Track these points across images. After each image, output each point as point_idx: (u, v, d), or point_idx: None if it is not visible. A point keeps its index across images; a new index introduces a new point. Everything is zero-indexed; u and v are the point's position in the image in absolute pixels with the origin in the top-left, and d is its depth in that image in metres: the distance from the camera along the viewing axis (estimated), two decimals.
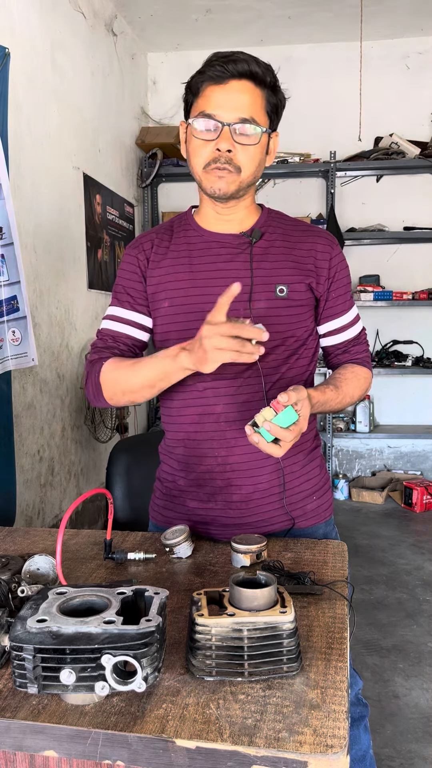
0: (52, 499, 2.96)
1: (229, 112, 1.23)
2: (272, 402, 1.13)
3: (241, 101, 1.24)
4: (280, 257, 1.35)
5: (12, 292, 2.24)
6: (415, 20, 4.19)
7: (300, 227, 1.41)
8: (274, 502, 1.37)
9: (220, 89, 1.24)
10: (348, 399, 1.37)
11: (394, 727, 2.12)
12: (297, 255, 1.36)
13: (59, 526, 1.06)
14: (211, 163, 1.27)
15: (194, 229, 1.40)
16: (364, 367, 1.45)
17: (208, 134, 1.25)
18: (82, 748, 0.78)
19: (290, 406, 1.12)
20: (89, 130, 3.52)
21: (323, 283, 1.37)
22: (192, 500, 1.41)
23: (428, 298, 4.34)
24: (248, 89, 1.24)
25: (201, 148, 1.27)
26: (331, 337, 1.44)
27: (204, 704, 0.81)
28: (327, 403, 1.30)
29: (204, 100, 1.25)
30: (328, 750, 0.74)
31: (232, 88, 1.23)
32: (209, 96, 1.24)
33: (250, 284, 1.32)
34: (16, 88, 2.55)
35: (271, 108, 1.29)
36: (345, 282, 1.41)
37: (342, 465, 4.88)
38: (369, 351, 1.49)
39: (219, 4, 3.94)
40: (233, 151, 1.25)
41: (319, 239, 1.38)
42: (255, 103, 1.25)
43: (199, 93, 1.27)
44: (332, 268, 1.38)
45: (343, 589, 1.13)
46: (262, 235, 1.37)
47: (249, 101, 1.24)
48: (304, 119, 4.50)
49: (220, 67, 1.22)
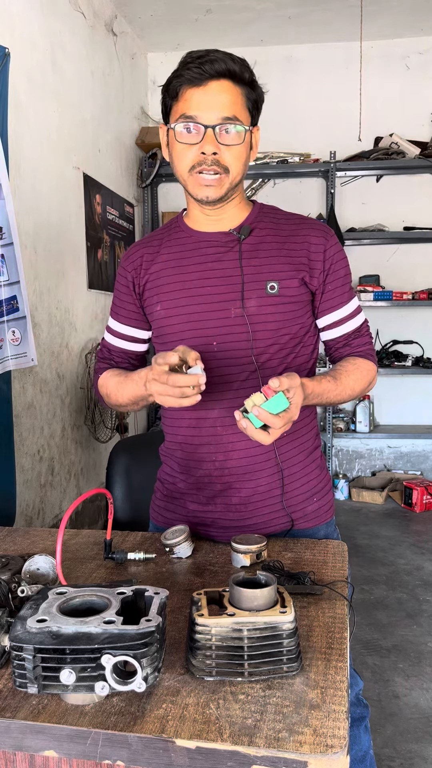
0: (52, 499, 2.96)
1: (210, 113, 1.22)
2: (263, 387, 1.10)
3: (221, 101, 1.22)
4: (271, 253, 1.33)
5: (12, 292, 2.24)
6: (415, 20, 4.18)
7: (293, 220, 1.38)
8: (274, 504, 1.37)
9: (199, 91, 1.22)
10: (348, 392, 1.33)
11: (394, 727, 2.12)
12: (289, 249, 1.33)
13: (59, 526, 1.06)
14: (196, 166, 1.25)
15: (184, 231, 1.39)
16: (367, 359, 1.40)
17: (190, 137, 1.24)
18: (82, 748, 0.78)
19: (281, 393, 1.09)
20: (89, 130, 3.52)
21: (317, 276, 1.34)
22: (192, 502, 1.41)
23: (428, 298, 4.34)
24: (227, 88, 1.22)
25: (185, 152, 1.25)
26: (331, 331, 1.40)
27: (204, 704, 0.81)
28: (323, 394, 1.27)
29: (184, 103, 1.23)
30: (328, 750, 0.74)
31: (212, 89, 1.22)
32: (189, 99, 1.23)
33: (241, 282, 1.31)
34: (16, 88, 2.55)
35: (251, 104, 1.27)
36: (342, 274, 1.37)
37: (342, 465, 4.88)
38: (372, 343, 1.45)
39: (219, 4, 3.94)
40: (218, 153, 1.23)
41: (312, 231, 1.35)
42: (236, 102, 1.23)
43: (178, 96, 1.24)
44: (327, 260, 1.34)
45: (343, 589, 1.13)
46: (252, 232, 1.34)
47: (230, 100, 1.23)
48: (304, 119, 4.51)
49: (197, 68, 1.20)
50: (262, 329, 1.31)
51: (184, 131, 1.24)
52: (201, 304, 1.33)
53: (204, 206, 1.32)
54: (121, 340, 1.47)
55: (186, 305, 1.33)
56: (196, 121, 1.22)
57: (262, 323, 1.31)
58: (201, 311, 1.32)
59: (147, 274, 1.39)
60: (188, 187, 1.30)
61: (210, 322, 1.32)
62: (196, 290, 1.33)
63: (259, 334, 1.30)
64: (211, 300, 1.32)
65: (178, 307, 1.34)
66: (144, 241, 1.44)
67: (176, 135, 1.25)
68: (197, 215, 1.37)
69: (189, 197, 1.34)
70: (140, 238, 4.09)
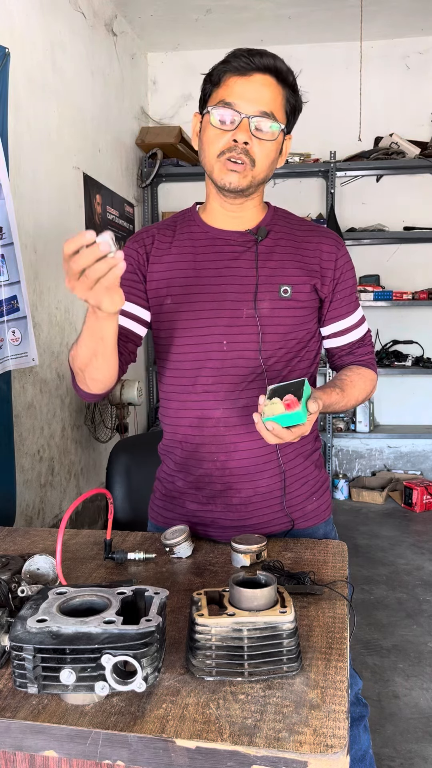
0: (52, 499, 2.96)
1: (250, 103, 1.22)
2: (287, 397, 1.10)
3: (263, 94, 1.22)
4: (285, 257, 1.33)
5: (12, 292, 2.24)
6: (415, 20, 4.18)
7: (306, 226, 1.39)
8: (274, 505, 1.37)
9: (243, 80, 1.22)
10: (352, 402, 1.35)
11: (394, 727, 2.12)
12: (302, 255, 1.34)
13: (59, 526, 1.06)
14: (226, 152, 1.24)
15: (198, 225, 1.37)
16: (369, 369, 1.42)
17: (225, 124, 1.24)
18: (82, 748, 0.78)
19: (303, 410, 1.09)
20: (89, 130, 3.52)
21: (328, 284, 1.35)
22: (191, 502, 1.40)
23: (428, 298, 4.34)
24: (271, 84, 1.23)
25: (218, 137, 1.24)
26: (336, 339, 1.41)
27: (204, 704, 0.81)
28: (331, 406, 1.28)
29: (225, 90, 1.24)
30: (328, 750, 0.74)
31: (256, 81, 1.22)
32: (231, 86, 1.23)
33: (255, 283, 1.30)
34: (16, 88, 2.55)
35: (290, 108, 1.28)
36: (350, 284, 1.39)
37: (342, 465, 4.88)
38: (374, 353, 1.47)
39: (219, 4, 3.94)
40: (250, 143, 1.23)
41: (324, 239, 1.36)
42: (276, 100, 1.24)
43: (220, 83, 1.25)
44: (338, 269, 1.35)
45: (343, 589, 1.13)
46: (268, 234, 1.34)
47: (271, 96, 1.23)
48: (304, 119, 4.45)
49: (245, 58, 1.21)
50: (272, 332, 1.31)
51: (220, 116, 1.24)
52: (214, 302, 1.31)
53: (226, 197, 1.31)
54: (122, 317, 1.34)
55: (198, 301, 1.32)
56: (234, 109, 1.22)
57: (273, 326, 1.30)
58: (213, 308, 1.31)
59: (158, 262, 1.36)
60: (213, 173, 1.28)
61: (221, 320, 1.31)
62: (210, 287, 1.32)
63: (269, 337, 1.30)
64: (225, 299, 1.31)
65: (189, 302, 1.33)
66: (155, 227, 1.41)
67: (211, 119, 1.25)
68: (216, 210, 1.35)
69: (211, 189, 1.33)
70: None
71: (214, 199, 1.34)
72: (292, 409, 1.09)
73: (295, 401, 1.10)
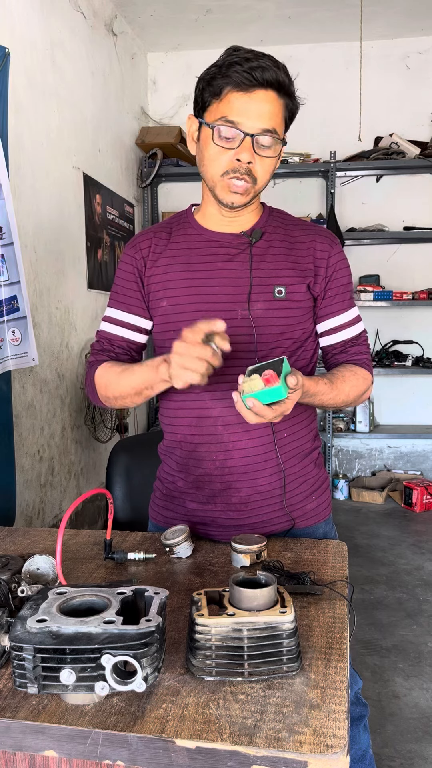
0: (52, 499, 2.96)
1: (252, 121, 1.21)
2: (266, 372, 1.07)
3: (265, 111, 1.21)
4: (279, 257, 1.34)
5: (12, 292, 2.24)
6: (415, 20, 4.18)
7: (300, 226, 1.40)
8: (275, 504, 1.37)
9: (244, 97, 1.21)
10: (342, 396, 1.33)
11: (394, 727, 2.12)
12: (296, 255, 1.35)
13: (59, 526, 1.06)
14: (230, 172, 1.25)
15: (194, 228, 1.39)
16: (363, 368, 1.41)
17: (228, 142, 1.23)
18: (82, 748, 0.78)
19: (282, 385, 1.06)
20: (89, 130, 3.52)
21: (320, 282, 1.35)
22: (191, 502, 1.41)
23: (428, 298, 4.34)
24: (272, 99, 1.22)
25: (220, 155, 1.24)
26: (328, 336, 1.41)
27: (204, 704, 0.81)
28: (317, 395, 1.27)
29: (226, 106, 1.22)
30: (328, 750, 0.74)
31: (257, 98, 1.21)
32: (232, 102, 1.21)
33: (249, 285, 1.32)
34: (16, 88, 2.55)
35: (288, 115, 1.28)
36: (344, 282, 1.39)
37: (342, 465, 4.88)
38: (369, 354, 1.45)
39: (219, 4, 3.94)
40: (253, 162, 1.24)
41: (318, 237, 1.37)
42: (277, 114, 1.23)
43: (220, 95, 1.22)
44: (330, 266, 1.36)
45: (343, 589, 1.13)
46: (263, 235, 1.35)
47: (272, 112, 1.22)
48: (304, 119, 4.48)
49: (246, 74, 1.19)
50: (266, 332, 1.31)
51: (223, 134, 1.23)
52: (208, 303, 1.33)
53: (225, 210, 1.32)
54: (124, 328, 1.42)
55: (193, 303, 1.33)
56: (237, 128, 1.21)
57: (267, 326, 1.31)
58: (207, 310, 1.32)
59: (154, 266, 1.38)
60: (216, 190, 1.29)
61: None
62: (204, 289, 1.33)
63: (264, 337, 1.31)
64: (219, 300, 1.32)
65: (184, 304, 1.34)
66: (151, 231, 1.43)
67: (213, 136, 1.24)
68: (213, 215, 1.36)
69: (209, 198, 1.34)
70: None
71: (211, 204, 1.35)
72: (271, 384, 1.06)
73: (274, 376, 1.06)
